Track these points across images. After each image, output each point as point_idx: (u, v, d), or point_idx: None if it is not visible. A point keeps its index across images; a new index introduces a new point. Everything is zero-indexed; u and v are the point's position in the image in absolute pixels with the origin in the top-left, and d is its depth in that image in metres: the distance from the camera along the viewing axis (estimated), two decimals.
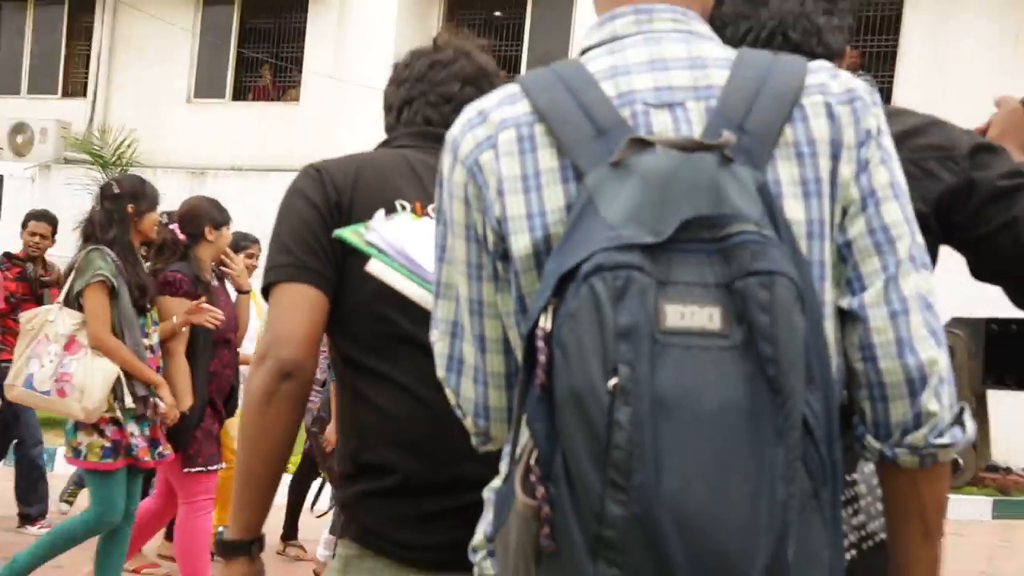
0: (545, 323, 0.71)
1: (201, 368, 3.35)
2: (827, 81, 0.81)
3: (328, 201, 1.32)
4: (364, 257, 1.29)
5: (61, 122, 10.84)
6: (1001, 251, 1.14)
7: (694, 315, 0.68)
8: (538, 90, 0.82)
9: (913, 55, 8.83)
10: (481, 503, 0.97)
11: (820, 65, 0.83)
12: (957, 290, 1.45)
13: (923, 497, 0.84)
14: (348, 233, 1.25)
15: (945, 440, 0.79)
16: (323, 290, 1.28)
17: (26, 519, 4.84)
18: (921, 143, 1.16)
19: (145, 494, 3.83)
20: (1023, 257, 1.13)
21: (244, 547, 1.32)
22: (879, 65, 8.97)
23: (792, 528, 0.70)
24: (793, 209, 0.78)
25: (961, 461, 1.16)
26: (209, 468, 3.40)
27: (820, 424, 0.73)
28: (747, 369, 0.68)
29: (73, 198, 9.31)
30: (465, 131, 0.86)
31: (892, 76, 8.89)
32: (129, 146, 10.17)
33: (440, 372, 0.92)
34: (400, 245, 1.24)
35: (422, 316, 1.15)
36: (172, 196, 9.31)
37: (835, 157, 0.79)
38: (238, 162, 10.31)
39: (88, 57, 11.42)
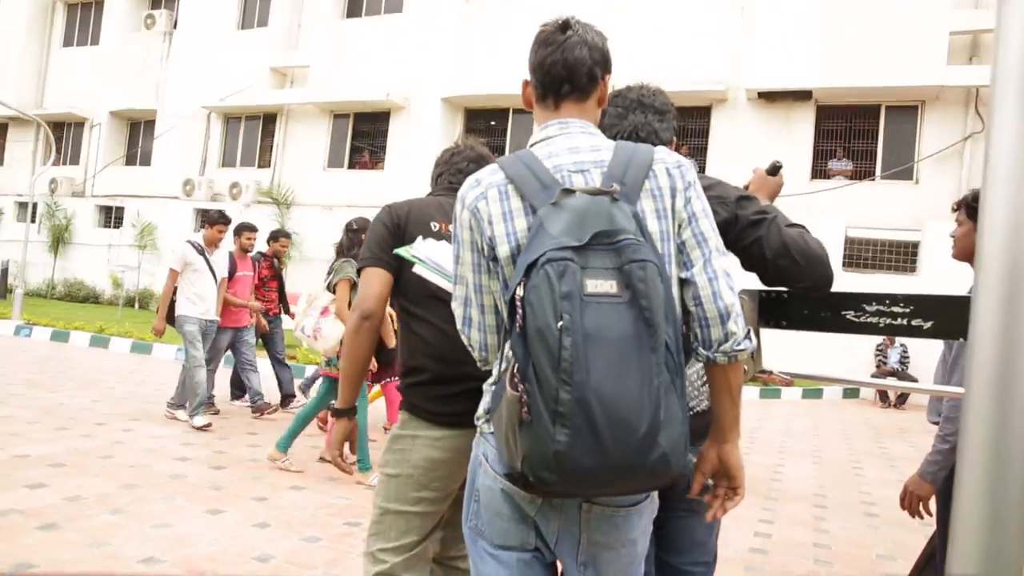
0: (519, 292, 1.16)
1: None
2: (665, 156, 1.33)
3: (393, 223, 2.09)
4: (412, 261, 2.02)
5: (257, 181, 17.29)
6: (756, 256, 1.68)
7: (600, 286, 1.13)
8: (508, 166, 1.35)
9: (715, 148, 14.56)
10: (479, 390, 1.50)
11: (661, 148, 1.37)
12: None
13: (731, 380, 1.35)
14: (402, 251, 2.00)
15: (742, 347, 1.30)
16: (390, 271, 2.04)
17: (287, 399, 7.03)
18: (710, 195, 1.63)
19: None
20: (767, 260, 1.66)
21: (347, 412, 2.07)
22: (699, 153, 14.92)
23: (662, 401, 1.15)
24: (652, 225, 1.27)
25: (746, 367, 1.65)
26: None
27: (673, 343, 1.17)
28: (633, 314, 1.13)
29: (262, 222, 16.57)
30: (468, 190, 1.39)
31: (705, 159, 14.61)
32: (291, 193, 16.73)
33: (458, 325, 1.43)
34: (431, 256, 1.96)
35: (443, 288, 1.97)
36: (312, 220, 16.18)
37: (673, 196, 1.31)
38: (350, 202, 15.83)
39: (272, 144, 17.72)
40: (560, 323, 1.11)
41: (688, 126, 14.89)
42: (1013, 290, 0.60)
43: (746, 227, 1.70)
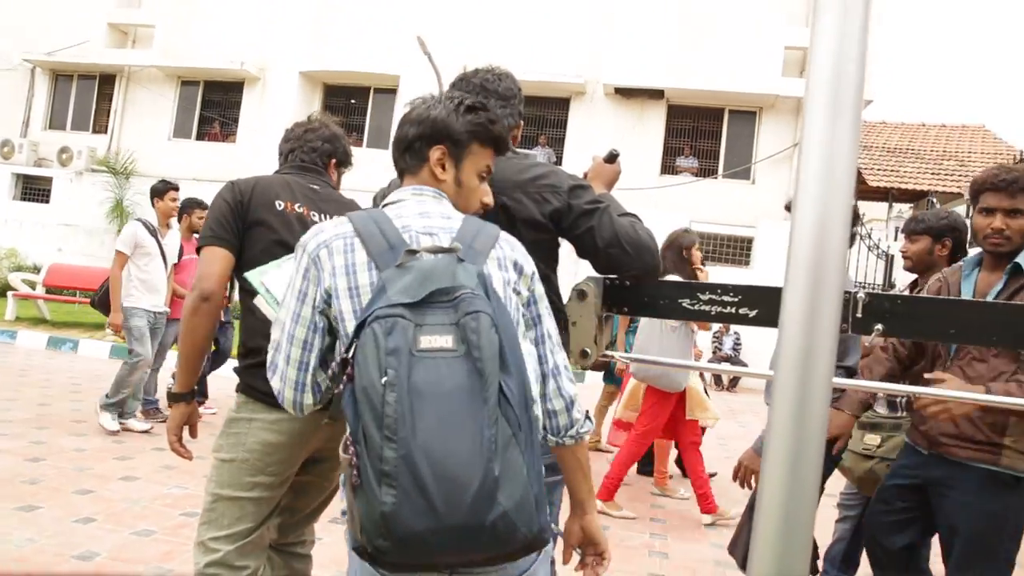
0: (349, 352, 1.15)
1: None
2: (511, 239, 1.40)
3: (235, 200, 2.01)
4: (260, 228, 1.98)
5: (90, 147, 15.76)
6: (588, 245, 1.74)
7: (435, 341, 1.11)
8: (357, 220, 1.32)
9: (572, 140, 15.04)
10: None
11: (506, 235, 1.40)
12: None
13: (579, 458, 1.42)
14: (251, 275, 1.86)
15: (585, 428, 1.40)
16: (231, 251, 1.98)
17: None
18: (542, 183, 1.76)
19: None
20: (598, 249, 1.72)
21: (185, 396, 2.01)
22: (557, 143, 15.37)
23: (496, 455, 1.08)
24: (497, 286, 1.28)
25: (588, 350, 1.78)
26: None
27: (514, 396, 1.13)
28: (467, 367, 1.11)
29: (96, 194, 15.26)
30: (311, 237, 1.34)
31: (563, 149, 15.21)
32: (131, 163, 15.44)
33: (268, 373, 1.36)
34: (278, 290, 1.74)
35: None
36: None
37: (519, 273, 1.37)
38: (197, 176, 14.76)
39: (110, 109, 16.26)
40: (384, 379, 1.08)
41: (547, 117, 15.26)
42: (817, 282, 0.66)
43: (579, 216, 1.73)
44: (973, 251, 2.53)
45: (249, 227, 2.01)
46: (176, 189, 5.70)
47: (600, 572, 1.44)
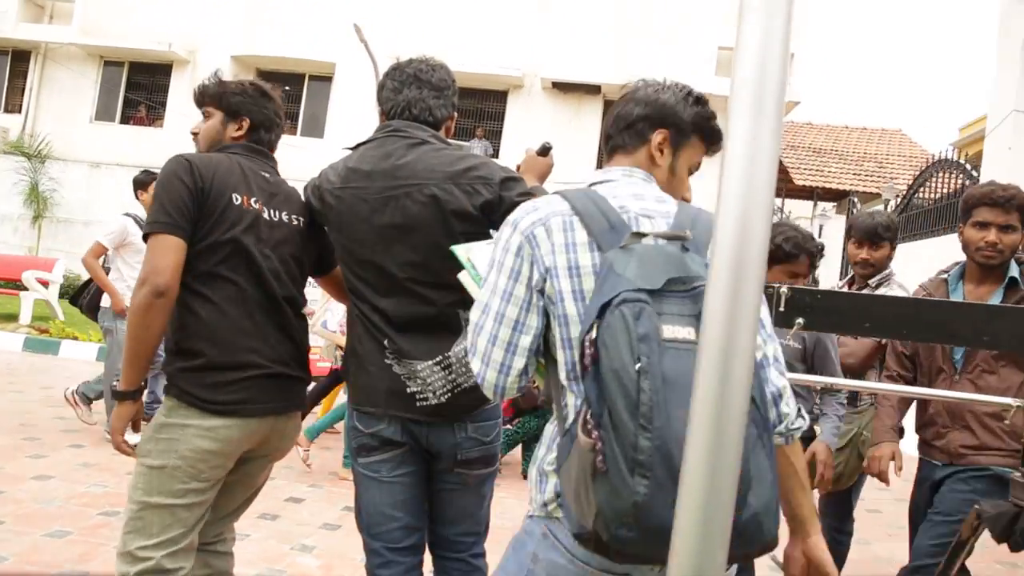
0: (591, 333, 1.09)
1: None
2: None
3: (196, 185, 1.79)
4: (213, 224, 1.79)
5: (3, 129, 15.00)
6: None
7: (679, 332, 1.07)
8: (574, 199, 1.29)
9: (509, 133, 15.12)
10: (259, 377, 1.76)
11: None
12: None
13: (795, 463, 1.29)
14: (458, 249, 1.58)
15: (796, 425, 1.24)
16: (185, 241, 1.77)
17: None
18: (474, 175, 1.75)
19: None
20: None
21: (131, 395, 1.82)
22: (495, 136, 15.38)
23: (750, 455, 1.04)
24: None
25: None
26: None
27: (757, 395, 1.10)
28: None
29: (7, 178, 14.38)
30: (524, 215, 1.30)
31: (500, 142, 15.19)
32: (47, 145, 14.63)
33: (469, 356, 1.31)
34: (482, 267, 1.50)
35: (235, 263, 1.80)
36: (74, 178, 14.41)
37: None
38: (120, 161, 14.35)
39: (24, 87, 15.51)
40: (638, 365, 1.03)
41: (485, 109, 15.26)
42: (739, 277, 0.68)
43: (510, 208, 1.65)
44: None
45: (202, 220, 1.82)
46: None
47: None
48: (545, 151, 1.99)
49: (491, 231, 1.75)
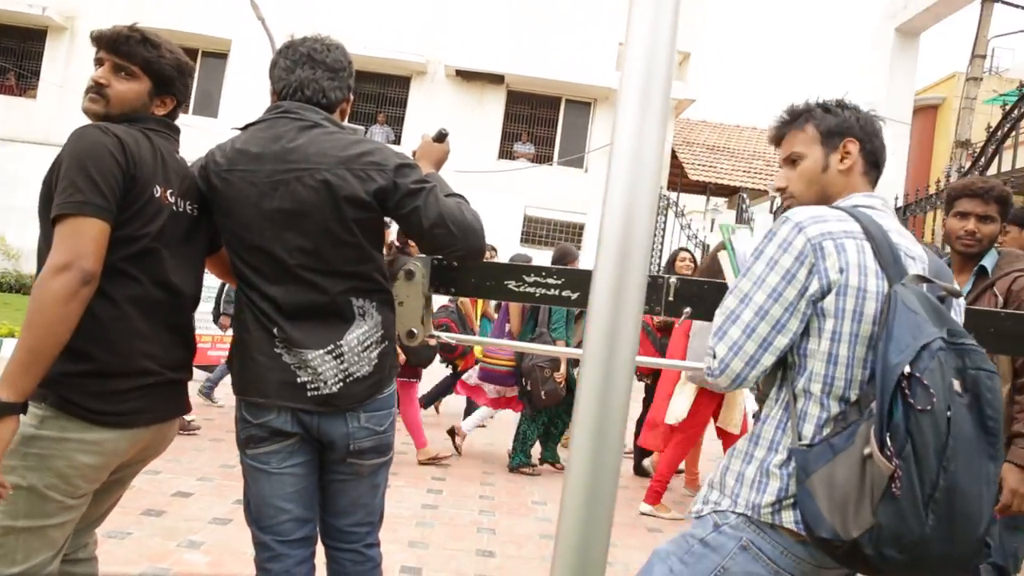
0: (907, 369, 1.16)
1: None
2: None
3: (128, 171, 1.61)
4: (130, 217, 1.59)
5: None
6: (414, 224, 1.73)
7: (953, 384, 1.18)
8: (867, 223, 1.34)
9: (412, 119, 15.03)
10: (153, 386, 1.64)
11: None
12: None
13: None
14: (726, 227, 1.65)
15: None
16: (112, 226, 1.57)
17: None
18: (367, 160, 1.71)
19: None
20: (423, 228, 1.71)
21: (21, 408, 1.47)
22: (397, 122, 15.23)
23: (991, 506, 1.21)
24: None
25: (415, 330, 1.79)
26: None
27: (998, 455, 1.22)
28: (975, 418, 1.19)
29: None
30: (812, 222, 1.32)
31: (402, 128, 15.09)
32: None
33: (715, 340, 1.35)
34: (743, 251, 1.58)
35: (142, 261, 1.64)
36: None
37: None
38: None
39: None
40: (949, 412, 1.14)
41: (387, 95, 15.04)
42: (624, 266, 0.70)
43: (405, 195, 1.72)
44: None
45: (122, 209, 1.60)
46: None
47: None
48: (441, 137, 1.97)
49: (386, 219, 1.75)
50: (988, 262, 2.46)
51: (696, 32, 15.10)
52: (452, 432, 5.48)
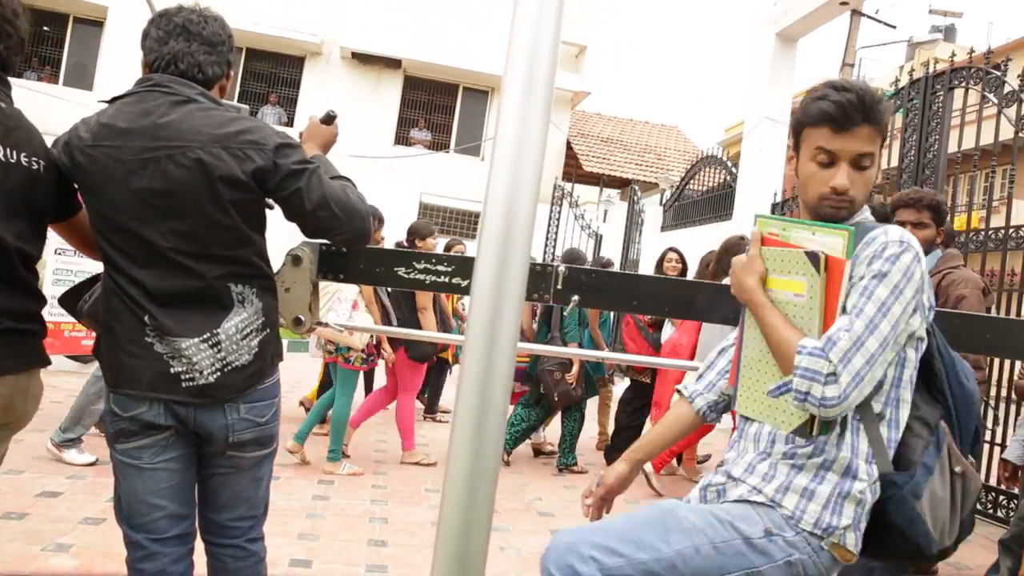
0: None
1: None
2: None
3: None
4: None
5: None
6: (296, 207, 1.66)
7: None
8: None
9: (305, 101, 14.58)
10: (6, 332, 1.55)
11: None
12: None
13: None
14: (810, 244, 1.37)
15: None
16: None
17: None
18: (246, 138, 1.64)
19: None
20: (306, 211, 1.65)
21: None
22: (289, 104, 14.77)
23: None
24: None
25: (302, 317, 1.74)
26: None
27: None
28: None
29: None
30: (919, 253, 1.33)
31: (295, 110, 14.67)
32: None
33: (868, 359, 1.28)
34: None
35: None
36: None
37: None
38: None
39: None
40: None
41: (279, 75, 14.54)
42: (505, 253, 0.71)
43: (286, 177, 1.66)
44: None
45: None
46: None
47: None
48: (329, 119, 1.90)
49: (266, 200, 1.68)
50: (926, 263, 2.74)
51: (592, 26, 15.38)
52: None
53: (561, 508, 4.43)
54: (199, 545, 1.86)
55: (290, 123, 14.05)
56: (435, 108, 15.19)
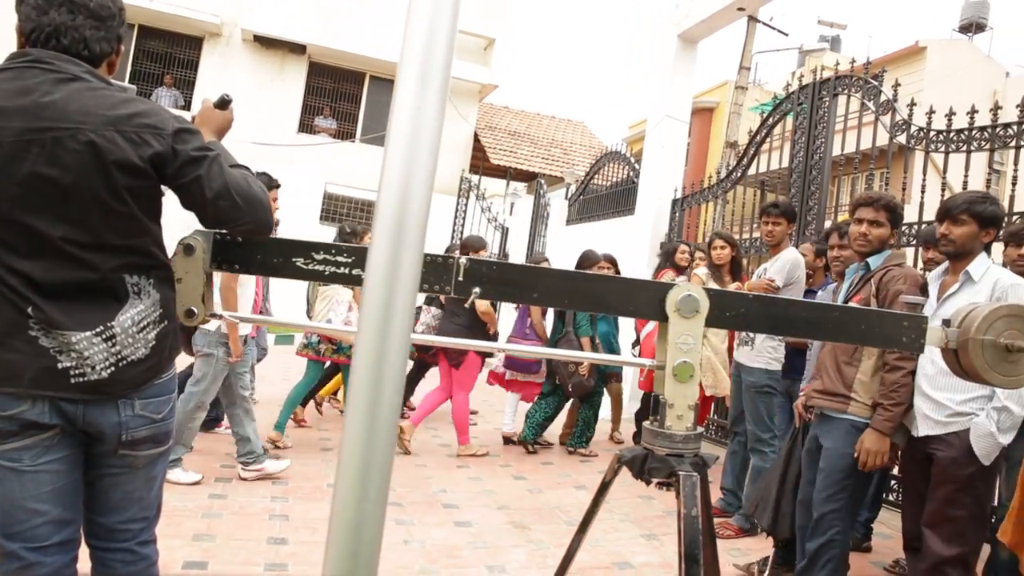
0: None
1: None
2: None
3: None
4: None
5: None
6: (195, 195, 1.59)
7: None
8: None
9: (204, 84, 14.06)
10: None
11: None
12: None
13: None
14: None
15: None
16: None
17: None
18: (142, 122, 1.55)
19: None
20: (207, 200, 1.58)
21: None
22: (186, 86, 14.14)
23: None
24: None
25: (195, 309, 1.58)
26: None
27: None
28: None
29: None
30: None
31: (193, 93, 14.05)
32: None
33: None
34: None
35: None
36: None
37: None
38: None
39: None
40: None
41: (176, 55, 13.91)
42: (399, 243, 0.70)
43: (186, 163, 1.59)
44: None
45: None
46: (278, 187, 4.48)
47: None
48: (224, 104, 1.82)
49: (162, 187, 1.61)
50: (874, 260, 2.96)
51: (501, 20, 15.40)
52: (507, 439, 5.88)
53: (467, 500, 4.44)
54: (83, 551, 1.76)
55: (187, 107, 13.45)
56: (341, 96, 14.86)
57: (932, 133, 4.84)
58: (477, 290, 1.56)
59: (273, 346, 11.47)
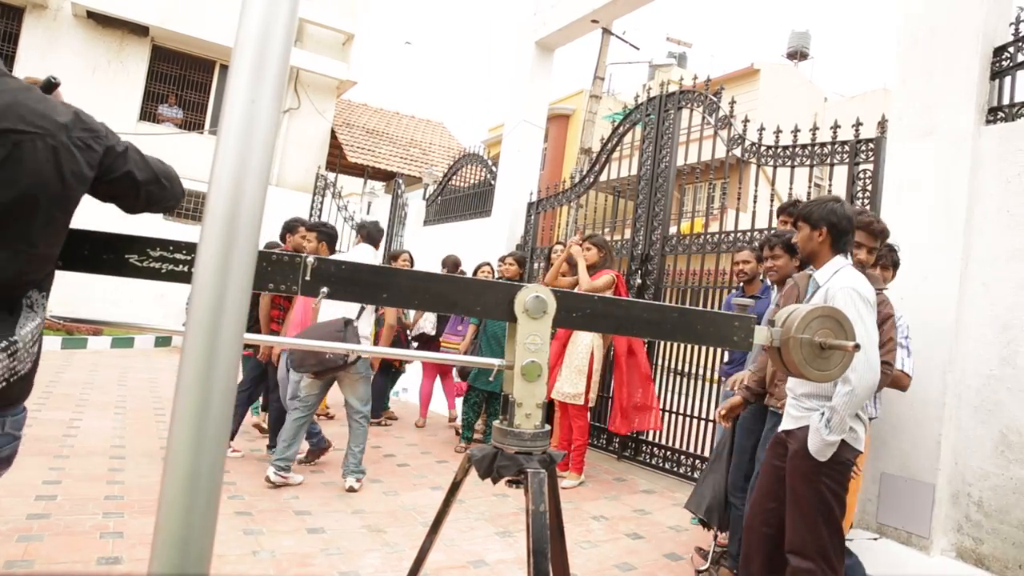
0: None
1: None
2: None
3: None
4: None
5: None
6: (126, 186, 1.61)
7: None
8: None
9: (26, 62, 12.83)
10: None
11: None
12: None
13: None
14: None
15: None
16: None
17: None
18: (85, 126, 1.54)
19: None
20: (139, 187, 1.62)
21: None
22: (6, 62, 12.80)
23: None
24: None
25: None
26: None
27: None
28: None
29: None
30: None
31: (12, 70, 12.74)
32: None
33: None
34: None
35: None
36: None
37: None
38: None
39: None
40: None
41: None
42: (231, 240, 0.68)
43: (116, 158, 1.59)
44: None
45: None
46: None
47: None
48: (50, 86, 1.66)
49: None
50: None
51: (361, 16, 15.11)
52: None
53: (319, 505, 4.32)
54: None
55: None
56: (189, 84, 13.99)
57: (763, 148, 5.26)
58: (325, 290, 1.52)
59: (110, 349, 10.68)
